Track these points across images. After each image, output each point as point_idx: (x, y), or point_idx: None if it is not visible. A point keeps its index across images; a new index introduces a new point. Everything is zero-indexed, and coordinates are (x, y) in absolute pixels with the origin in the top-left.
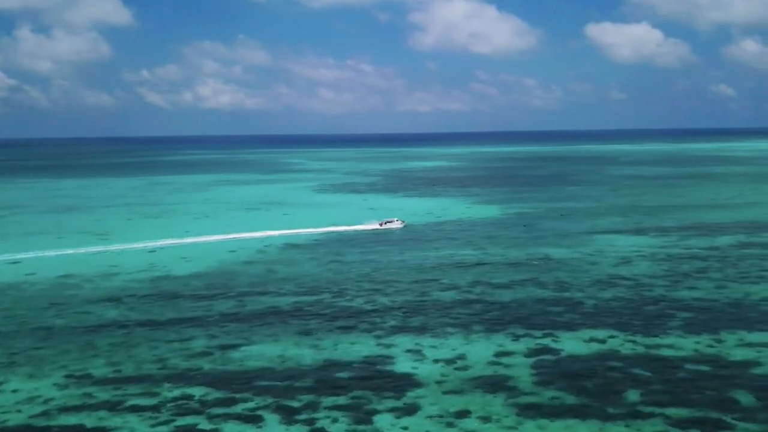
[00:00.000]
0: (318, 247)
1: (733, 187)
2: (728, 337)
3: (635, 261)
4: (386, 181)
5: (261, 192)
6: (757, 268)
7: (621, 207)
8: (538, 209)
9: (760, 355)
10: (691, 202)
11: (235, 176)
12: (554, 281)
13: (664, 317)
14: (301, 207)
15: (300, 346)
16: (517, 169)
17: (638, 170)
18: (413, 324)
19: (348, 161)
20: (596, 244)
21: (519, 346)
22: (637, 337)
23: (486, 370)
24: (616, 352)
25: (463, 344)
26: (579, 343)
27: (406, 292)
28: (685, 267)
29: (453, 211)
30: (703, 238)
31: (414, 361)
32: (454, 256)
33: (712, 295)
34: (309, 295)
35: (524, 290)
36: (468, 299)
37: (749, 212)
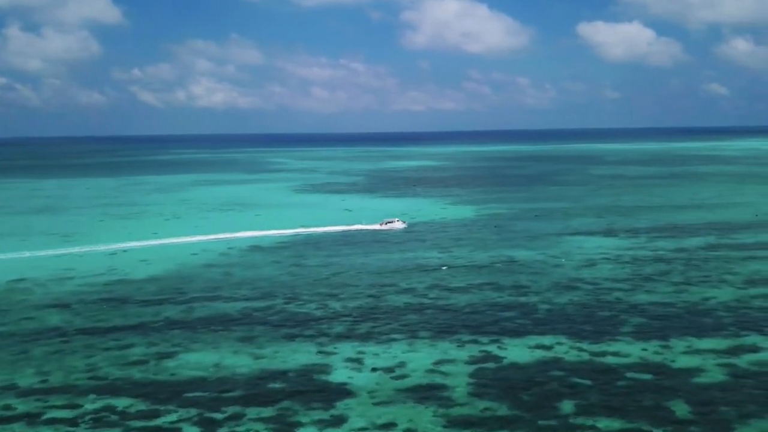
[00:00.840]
0: (283, 249)
1: (712, 187)
2: (677, 344)
3: (599, 264)
4: (368, 181)
5: (238, 192)
6: (721, 271)
7: (597, 208)
8: (514, 210)
9: (705, 363)
10: (668, 203)
11: (216, 176)
12: (513, 285)
13: (617, 323)
14: (275, 208)
15: (239, 354)
16: (502, 169)
17: (622, 170)
18: (360, 331)
19: (335, 160)
20: (564, 246)
21: (462, 353)
22: (584, 344)
23: (423, 379)
24: (559, 359)
25: (406, 352)
26: (524, 350)
27: (360, 296)
28: (648, 270)
29: (427, 213)
30: (673, 240)
31: (351, 370)
32: (418, 258)
33: (669, 300)
34: (261, 300)
35: (480, 294)
36: (422, 304)
37: (724, 213)
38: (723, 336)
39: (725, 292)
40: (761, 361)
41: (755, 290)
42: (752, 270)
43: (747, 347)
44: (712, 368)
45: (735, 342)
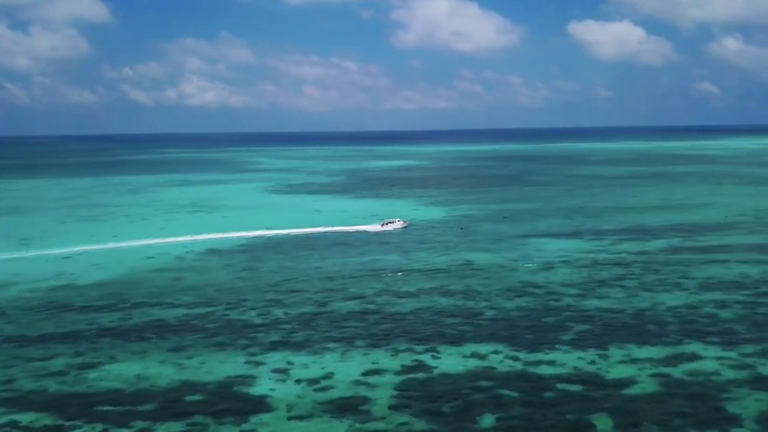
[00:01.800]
0: (241, 252)
1: (689, 187)
2: (615, 353)
3: (557, 267)
4: (347, 181)
5: (210, 193)
6: (677, 275)
7: (568, 209)
8: (485, 211)
9: (639, 374)
10: (641, 204)
11: (194, 176)
12: (464, 290)
13: (560, 330)
14: (244, 209)
15: (164, 364)
16: (483, 169)
17: (603, 170)
18: (295, 339)
19: (319, 160)
20: (525, 249)
21: (394, 363)
22: (521, 353)
23: (346, 391)
24: (491, 369)
25: (337, 361)
26: (458, 359)
27: (306, 303)
28: (605, 274)
29: (397, 214)
30: (636, 243)
31: (275, 382)
32: (374, 262)
33: (618, 306)
34: (203, 307)
35: (428, 300)
36: (366, 311)
37: (695, 214)
38: (664, 344)
39: (676, 298)
40: (696, 371)
41: (707, 296)
42: (709, 274)
43: (686, 356)
44: (645, 379)
45: (675, 351)
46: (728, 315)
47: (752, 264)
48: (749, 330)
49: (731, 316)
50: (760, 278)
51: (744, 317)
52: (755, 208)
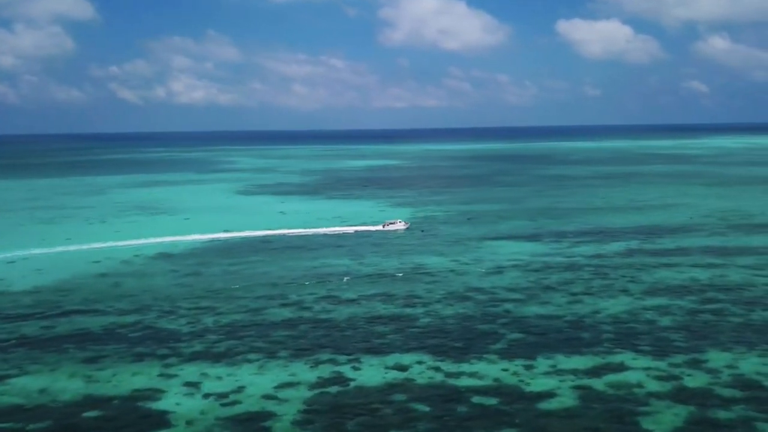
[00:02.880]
0: (192, 256)
1: (660, 187)
2: (541, 363)
3: (507, 271)
4: (321, 181)
5: (177, 194)
6: (626, 279)
7: (533, 210)
8: (450, 212)
9: (560, 386)
10: (608, 205)
11: (166, 176)
12: (406, 296)
13: (492, 338)
14: (207, 211)
15: (74, 377)
16: (461, 168)
17: (578, 170)
18: (217, 349)
19: (299, 159)
20: (480, 252)
21: (311, 375)
22: (445, 363)
23: (253, 406)
24: (410, 381)
25: (253, 374)
26: (379, 370)
27: (241, 310)
28: (554, 278)
29: (362, 216)
30: (594, 245)
31: (183, 396)
32: (323, 266)
33: (558, 312)
34: (133, 315)
35: (367, 307)
36: (300, 319)
37: (659, 215)
38: (594, 354)
39: (619, 304)
40: (619, 383)
41: (651, 301)
42: (658, 279)
43: (613, 367)
44: (565, 392)
45: (603, 361)
46: (667, 322)
47: (704, 268)
48: (684, 339)
49: (670, 323)
50: (708, 283)
51: (683, 325)
52: (721, 209)
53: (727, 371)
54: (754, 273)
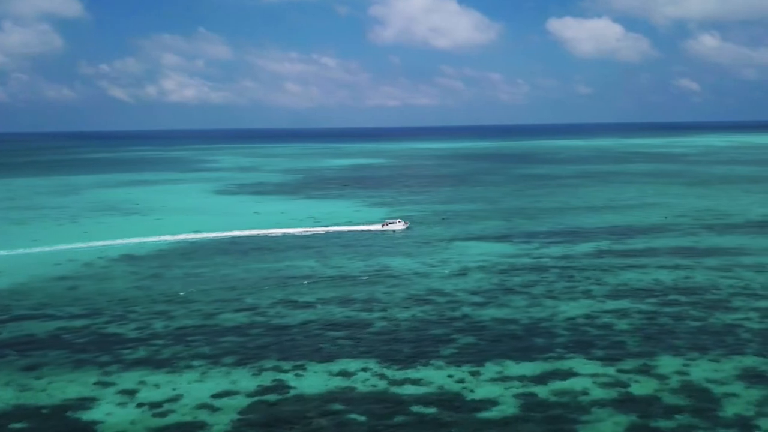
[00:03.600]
0: (155, 258)
1: (639, 187)
2: (489, 370)
3: (471, 273)
4: (302, 180)
5: (153, 195)
6: (590, 281)
7: (509, 210)
8: (425, 212)
9: (504, 393)
10: (585, 204)
11: (145, 176)
12: (365, 299)
13: (444, 343)
14: (180, 211)
15: (9, 385)
16: (445, 167)
17: (561, 169)
18: (162, 356)
19: (284, 158)
20: (448, 253)
21: (252, 382)
22: (391, 370)
23: (186, 416)
24: (351, 389)
25: (193, 381)
26: (322, 377)
27: (193, 314)
28: (517, 280)
29: (335, 217)
30: (564, 246)
31: (116, 405)
32: (287, 269)
33: (515, 315)
34: (84, 319)
35: (323, 311)
36: (251, 324)
37: (634, 215)
38: (544, 359)
39: (579, 307)
40: (565, 390)
41: (611, 304)
42: (622, 280)
43: (561, 373)
44: (508, 400)
45: (552, 366)
46: (624, 326)
47: (670, 269)
48: (639, 343)
49: (626, 327)
50: (672, 285)
51: (639, 329)
52: (698, 208)
53: (676, 378)
54: (719, 275)
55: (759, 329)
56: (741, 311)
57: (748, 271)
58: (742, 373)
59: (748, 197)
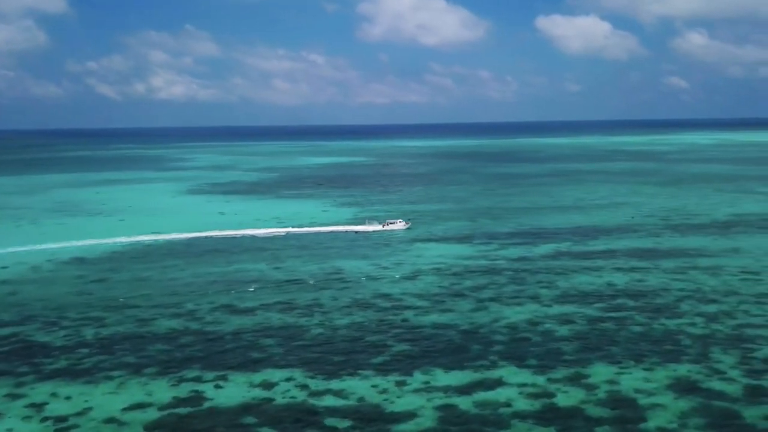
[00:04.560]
0: (106, 261)
1: (613, 186)
2: (416, 379)
3: (423, 276)
4: (277, 179)
5: (122, 194)
6: (541, 284)
7: (476, 210)
8: (393, 212)
9: (424, 406)
10: (555, 204)
11: (120, 174)
12: (308, 304)
13: (375, 351)
14: (144, 212)
15: None
16: (422, 166)
17: (539, 167)
18: (82, 366)
19: (264, 156)
20: (405, 255)
21: (168, 394)
22: (314, 380)
23: (91, 431)
24: (269, 402)
25: (107, 393)
26: (242, 389)
27: (127, 321)
28: (467, 283)
29: (301, 217)
30: (523, 247)
31: (21, 420)
32: (237, 272)
33: (457, 321)
34: (13, 326)
35: (261, 317)
36: (185, 331)
37: (602, 215)
38: (475, 368)
39: (524, 312)
40: (488, 402)
41: (557, 309)
42: (574, 283)
43: (489, 383)
44: (427, 412)
45: (481, 376)
46: (564, 332)
47: (625, 272)
48: (575, 351)
49: (567, 333)
50: (623, 288)
51: (579, 335)
52: (666, 208)
53: (605, 388)
54: (673, 277)
55: (700, 335)
56: (686, 316)
57: (703, 274)
58: (674, 382)
59: (719, 196)
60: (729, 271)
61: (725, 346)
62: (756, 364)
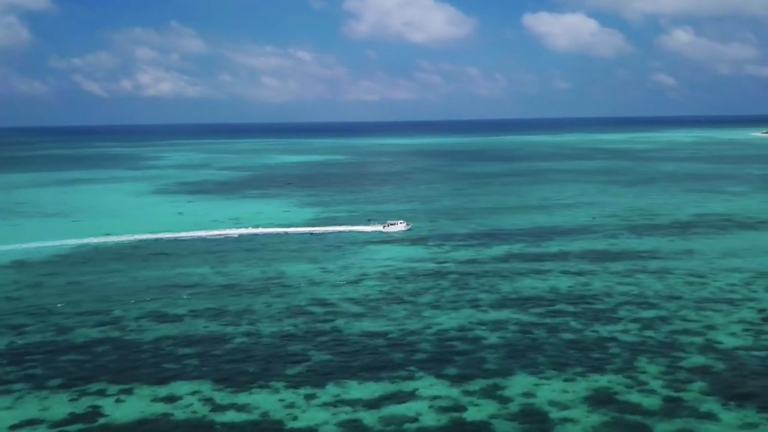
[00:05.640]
0: (46, 264)
1: (581, 185)
2: (327, 392)
3: (366, 279)
4: (247, 178)
5: (84, 194)
6: (482, 289)
7: (439, 210)
8: (354, 214)
9: (327, 421)
10: (518, 204)
11: (88, 174)
12: (238, 311)
13: (293, 361)
14: (102, 212)
15: None
16: (395, 164)
17: (513, 166)
18: None
19: (242, 154)
20: (354, 258)
21: (64, 409)
22: (221, 394)
23: None
24: (168, 417)
25: (2, 408)
26: (143, 403)
27: (47, 330)
28: (409, 287)
29: (261, 218)
30: (475, 249)
31: None
32: (177, 276)
33: (388, 328)
34: None
35: (188, 324)
36: (104, 340)
37: (564, 215)
38: (392, 379)
39: (458, 318)
40: (393, 417)
41: (492, 315)
42: (516, 287)
43: (401, 396)
44: (329, 428)
45: (395, 388)
46: (494, 340)
47: (571, 275)
48: (500, 360)
49: (496, 341)
50: (565, 292)
51: (508, 344)
52: (631, 208)
53: (519, 400)
54: (618, 281)
55: (631, 343)
56: (622, 323)
57: (650, 278)
58: (592, 394)
59: (686, 196)
60: (677, 274)
61: (653, 355)
62: (680, 374)
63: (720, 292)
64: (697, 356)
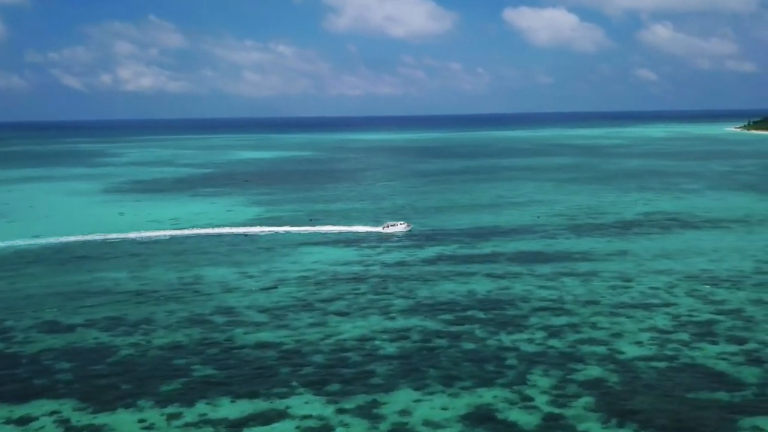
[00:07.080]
0: None
1: (539, 183)
2: (195, 411)
3: (284, 285)
4: (205, 176)
5: (29, 193)
6: (397, 295)
7: (384, 209)
8: (301, 212)
9: None
10: (469, 202)
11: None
12: (136, 320)
13: (173, 377)
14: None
15: None
16: (359, 161)
17: (479, 162)
18: None
19: (208, 150)
20: (280, 261)
21: None
22: (84, 413)
23: None
24: None
25: None
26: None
27: None
28: (325, 293)
29: (202, 218)
30: (407, 251)
31: None
32: (88, 283)
33: (286, 339)
34: None
35: (78, 336)
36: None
37: (511, 214)
38: (267, 396)
39: (363, 326)
40: None
41: (398, 323)
42: (434, 292)
43: (271, 415)
44: None
45: (268, 406)
46: (391, 350)
47: (494, 279)
48: (389, 374)
49: (392, 352)
50: (482, 297)
51: (404, 354)
52: (579, 206)
53: (393, 419)
54: (541, 284)
55: (531, 353)
56: (529, 330)
57: (574, 281)
58: (471, 411)
59: (638, 194)
60: (603, 277)
61: (549, 367)
62: (570, 388)
63: (640, 297)
64: (594, 368)
